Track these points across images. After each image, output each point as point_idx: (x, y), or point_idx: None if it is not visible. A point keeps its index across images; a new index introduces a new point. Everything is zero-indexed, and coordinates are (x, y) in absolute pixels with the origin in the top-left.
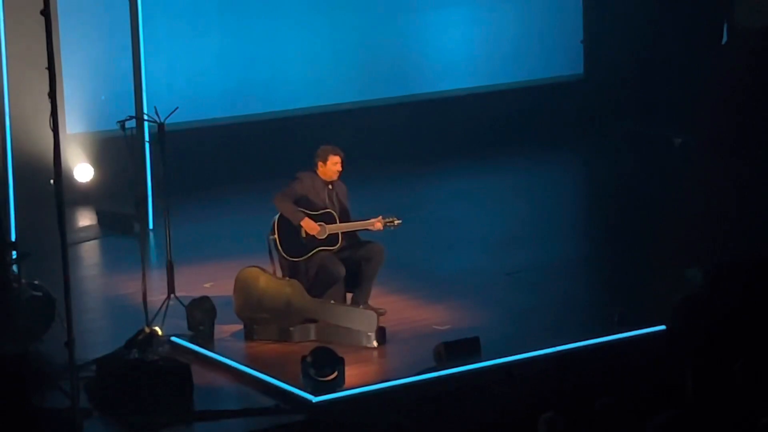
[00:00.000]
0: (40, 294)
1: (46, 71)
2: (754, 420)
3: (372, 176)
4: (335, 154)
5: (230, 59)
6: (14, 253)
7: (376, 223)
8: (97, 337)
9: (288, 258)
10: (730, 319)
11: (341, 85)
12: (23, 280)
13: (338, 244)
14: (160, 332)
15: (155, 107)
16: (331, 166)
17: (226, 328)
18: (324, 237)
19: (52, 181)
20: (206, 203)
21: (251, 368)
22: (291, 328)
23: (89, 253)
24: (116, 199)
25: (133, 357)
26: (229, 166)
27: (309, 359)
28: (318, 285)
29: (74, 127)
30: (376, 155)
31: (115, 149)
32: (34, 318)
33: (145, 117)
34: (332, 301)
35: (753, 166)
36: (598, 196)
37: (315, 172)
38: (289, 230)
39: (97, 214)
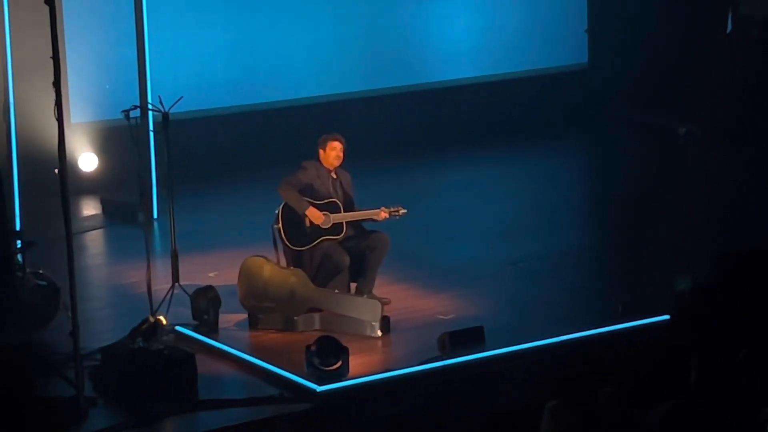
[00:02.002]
0: (44, 283)
1: (51, 60)
2: (756, 409)
3: (376, 166)
4: (334, 140)
5: (234, 48)
6: (19, 242)
7: (381, 213)
8: (101, 326)
9: (292, 247)
10: (734, 309)
11: (345, 74)
12: (28, 270)
13: (343, 234)
14: (164, 321)
15: (159, 96)
16: (330, 152)
17: (231, 318)
18: (328, 226)
19: (56, 171)
20: (210, 192)
21: (255, 357)
22: (295, 318)
23: (94, 242)
24: (121, 188)
25: (137, 346)
26: (234, 155)
27: (313, 348)
28: (322, 274)
29: (78, 116)
30: (379, 145)
31: (120, 138)
32: (39, 307)
33: (150, 106)
34: (336, 291)
35: (757, 156)
36: (601, 186)
37: (319, 162)
38: (293, 219)
39: (102, 203)
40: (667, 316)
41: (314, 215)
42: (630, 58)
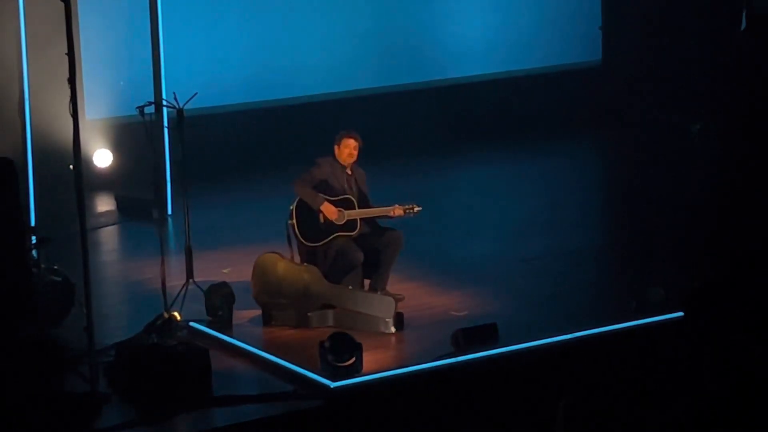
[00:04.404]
0: (59, 279)
1: (66, 57)
2: None
3: (390, 162)
4: (349, 138)
5: (249, 45)
6: (34, 238)
7: (396, 210)
8: (116, 322)
9: (306, 243)
10: (750, 306)
11: (360, 71)
12: (43, 266)
13: (357, 230)
14: (178, 317)
15: (174, 93)
16: (343, 149)
17: (245, 314)
18: (342, 222)
19: (71, 167)
20: (225, 189)
21: (269, 353)
22: (309, 314)
23: (108, 238)
24: (135, 184)
25: (151, 342)
26: (248, 151)
27: (327, 345)
28: (336, 270)
29: (93, 112)
30: (393, 141)
31: (135, 135)
32: (54, 303)
33: (164, 103)
34: (350, 287)
35: None
36: (615, 183)
37: (334, 158)
38: (307, 216)
39: (116, 199)
40: (680, 313)
41: (328, 211)
42: (644, 56)
